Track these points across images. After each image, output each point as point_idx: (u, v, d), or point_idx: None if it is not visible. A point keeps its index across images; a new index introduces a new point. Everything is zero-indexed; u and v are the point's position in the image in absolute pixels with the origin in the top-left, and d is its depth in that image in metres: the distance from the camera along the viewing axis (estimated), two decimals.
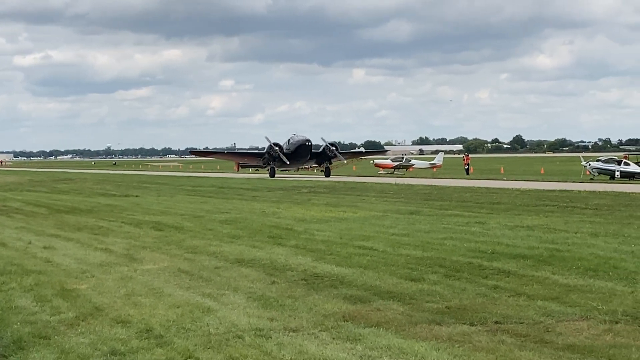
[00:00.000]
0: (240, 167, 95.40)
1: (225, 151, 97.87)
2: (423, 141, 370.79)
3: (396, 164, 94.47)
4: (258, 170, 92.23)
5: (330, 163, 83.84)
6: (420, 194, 44.45)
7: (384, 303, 12.98)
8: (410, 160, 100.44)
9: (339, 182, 63.07)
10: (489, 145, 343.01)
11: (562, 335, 10.58)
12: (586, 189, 45.49)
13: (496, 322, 11.39)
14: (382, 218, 28.25)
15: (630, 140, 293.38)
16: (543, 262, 16.69)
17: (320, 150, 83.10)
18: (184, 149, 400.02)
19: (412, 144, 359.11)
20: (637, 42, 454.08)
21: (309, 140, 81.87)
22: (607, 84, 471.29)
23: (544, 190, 45.76)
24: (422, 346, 10.27)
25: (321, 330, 11.23)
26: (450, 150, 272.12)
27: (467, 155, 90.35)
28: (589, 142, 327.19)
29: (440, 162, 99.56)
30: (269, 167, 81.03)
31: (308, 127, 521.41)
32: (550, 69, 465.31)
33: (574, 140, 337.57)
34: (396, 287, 14.26)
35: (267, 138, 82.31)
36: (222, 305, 13.17)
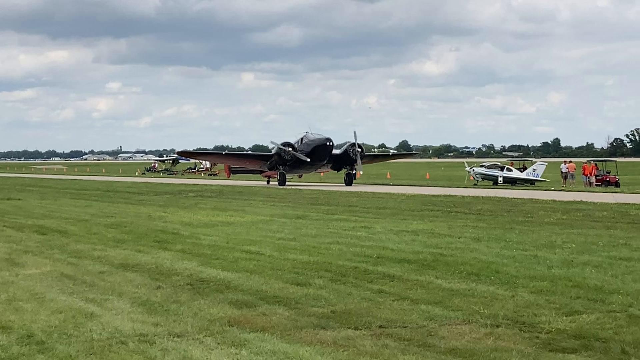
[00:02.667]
0: (231, 173, 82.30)
1: (224, 153, 79.52)
2: None
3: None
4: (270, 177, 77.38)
5: (353, 168, 67.96)
6: (307, 198, 44.60)
7: (269, 307, 12.97)
8: None
9: (227, 185, 62.82)
10: (375, 150, 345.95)
11: (445, 339, 10.73)
12: (470, 195, 46.30)
13: (380, 326, 11.49)
14: (269, 222, 28.25)
15: (513, 146, 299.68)
16: (427, 266, 16.91)
17: (341, 152, 67.49)
18: (68, 151, 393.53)
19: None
20: (522, 50, 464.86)
21: (330, 140, 65.70)
22: (492, 90, 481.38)
23: (429, 195, 46.41)
24: (306, 351, 10.30)
25: (206, 336, 11.16)
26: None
27: None
28: (473, 147, 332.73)
29: (327, 168, 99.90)
30: (277, 173, 66.72)
31: (197, 131, 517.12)
32: (437, 75, 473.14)
33: (458, 145, 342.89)
34: (282, 292, 14.27)
35: (272, 142, 68.07)
36: (105, 310, 12.98)
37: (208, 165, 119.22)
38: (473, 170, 70.09)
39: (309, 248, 20.30)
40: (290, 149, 65.30)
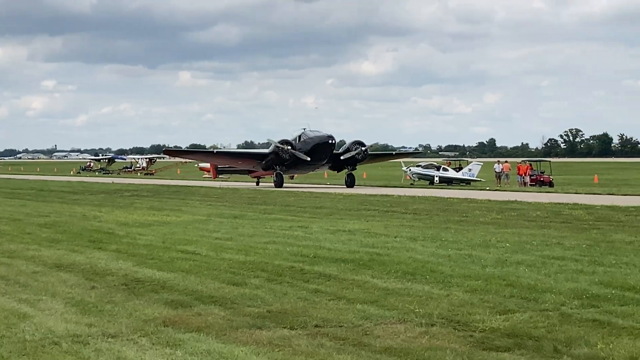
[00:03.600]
0: (218, 174, 74.32)
1: (215, 151, 70.50)
2: (249, 145, 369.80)
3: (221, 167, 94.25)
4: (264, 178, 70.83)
5: (355, 168, 63.54)
6: (244, 197, 44.54)
7: (205, 308, 12.92)
8: None
9: (163, 185, 62.47)
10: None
11: (380, 338, 10.78)
12: (406, 194, 46.57)
13: (316, 326, 11.50)
14: (206, 222, 28.14)
15: (449, 146, 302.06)
16: (363, 266, 16.97)
17: (342, 150, 63.36)
18: (2, 150, 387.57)
19: (238, 148, 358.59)
20: (459, 51, 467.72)
21: (332, 138, 60.93)
22: (429, 91, 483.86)
23: (365, 194, 46.61)
24: (242, 350, 10.27)
25: (141, 336, 11.07)
26: None
27: None
28: (410, 147, 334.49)
29: None
30: (274, 174, 61.48)
31: (134, 130, 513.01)
32: (375, 75, 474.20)
33: (395, 145, 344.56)
34: (218, 292, 14.22)
35: (269, 139, 63.18)
36: (38, 311, 12.83)
37: (144, 164, 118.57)
38: (410, 170, 70.51)
39: (245, 248, 20.27)
40: (288, 147, 60.27)
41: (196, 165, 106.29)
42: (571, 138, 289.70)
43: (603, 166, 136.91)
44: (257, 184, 66.51)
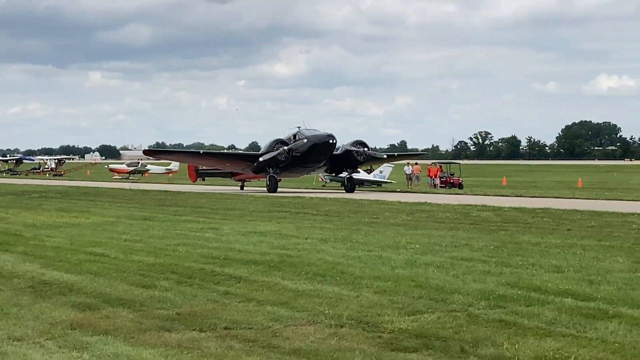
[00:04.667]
0: (198, 176, 67.99)
1: (202, 152, 64.46)
2: (160, 146, 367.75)
3: (132, 168, 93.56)
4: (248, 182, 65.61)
5: (355, 171, 58.84)
6: (155, 199, 44.16)
7: (113, 310, 12.78)
8: (147, 166, 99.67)
9: (72, 186, 61.64)
10: (225, 151, 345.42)
11: (289, 340, 10.79)
12: (318, 196, 46.73)
13: (226, 328, 11.46)
14: (115, 224, 27.84)
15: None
16: (274, 267, 16.97)
17: (341, 151, 57.02)
18: None
19: (131, 149, 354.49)
20: (370, 53, 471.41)
21: (332, 137, 54.66)
22: (341, 93, 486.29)
23: (277, 196, 46.64)
24: (150, 353, 10.19)
25: (47, 339, 10.91)
26: None
27: None
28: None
29: (177, 168, 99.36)
30: (267, 177, 55.15)
31: (43, 130, 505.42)
32: (288, 77, 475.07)
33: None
34: (127, 294, 14.08)
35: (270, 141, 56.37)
36: None
37: (53, 165, 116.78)
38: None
39: (155, 250, 20.11)
40: (284, 147, 54.60)
41: (106, 166, 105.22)
42: (480, 140, 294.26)
43: (511, 168, 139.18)
44: (242, 187, 62.09)
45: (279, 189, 54.47)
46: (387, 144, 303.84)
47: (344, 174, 58.29)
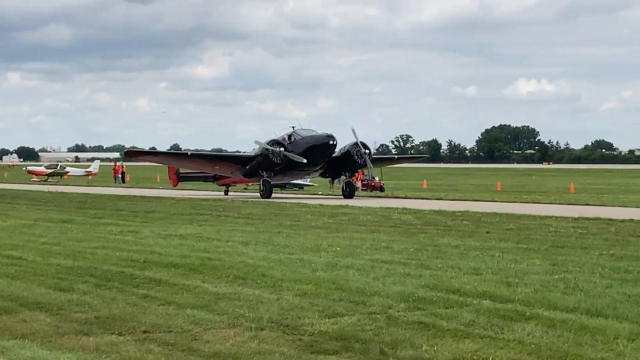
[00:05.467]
0: (179, 180, 61.91)
1: (189, 153, 56.88)
2: (80, 148, 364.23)
3: (50, 171, 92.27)
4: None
5: (354, 175, 54.60)
6: (74, 202, 43.66)
7: (30, 314, 12.60)
8: (65, 168, 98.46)
9: None
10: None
11: (209, 343, 10.74)
12: (239, 198, 46.63)
13: (145, 331, 11.37)
14: (33, 227, 27.44)
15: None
16: (194, 270, 16.89)
17: (340, 154, 51.64)
18: None
19: (68, 151, 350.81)
20: (293, 56, 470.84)
21: (332, 138, 50.21)
22: (264, 95, 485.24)
23: (198, 199, 46.43)
24: (68, 357, 10.06)
25: None
26: (107, 158, 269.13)
27: (121, 164, 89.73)
28: (244, 151, 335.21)
29: (97, 170, 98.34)
30: (260, 181, 50.72)
31: None
32: (210, 79, 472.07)
33: (230, 149, 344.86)
34: (44, 298, 13.89)
35: (257, 141, 51.80)
36: None
37: None
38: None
39: (73, 253, 19.87)
40: (281, 148, 50.08)
41: (24, 168, 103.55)
42: (402, 143, 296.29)
43: (432, 171, 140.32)
44: (226, 193, 57.74)
45: (276, 194, 51.26)
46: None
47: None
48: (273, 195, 50.11)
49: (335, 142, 50.12)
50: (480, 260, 18.42)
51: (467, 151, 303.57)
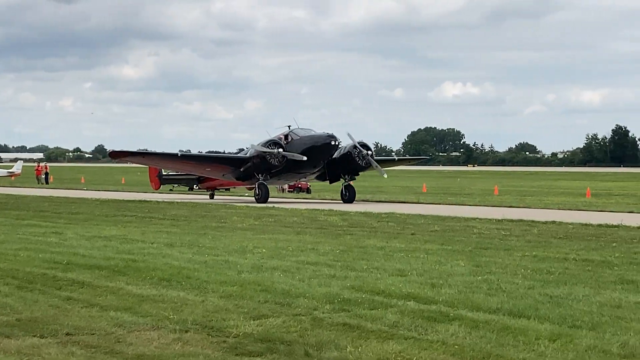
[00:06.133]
0: (162, 183, 58.52)
1: (180, 154, 51.30)
2: (2, 148, 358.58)
3: None
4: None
5: (354, 178, 49.26)
6: None
7: None
8: None
9: None
10: (70, 154, 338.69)
11: (133, 345, 10.64)
12: (165, 200, 46.33)
13: (67, 334, 11.22)
14: None
15: (210, 151, 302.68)
16: (118, 272, 16.72)
17: (339, 155, 48.08)
18: None
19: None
20: (220, 57, 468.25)
21: (334, 138, 47.13)
22: (191, 96, 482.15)
23: (123, 200, 45.99)
24: None
25: None
26: (30, 159, 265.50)
27: (45, 165, 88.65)
28: (179, 152, 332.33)
29: (20, 171, 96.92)
30: (256, 184, 47.53)
31: None
32: (136, 79, 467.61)
33: (158, 151, 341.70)
34: None
35: (252, 145, 48.71)
36: None
37: None
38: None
39: None
40: (280, 149, 46.61)
41: None
42: None
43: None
44: (212, 196, 54.25)
45: (273, 199, 48.56)
46: (236, 148, 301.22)
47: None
48: (271, 200, 47.23)
49: (337, 143, 47.15)
50: (405, 262, 18.54)
51: (393, 153, 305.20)
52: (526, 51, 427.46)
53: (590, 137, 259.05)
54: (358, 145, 47.72)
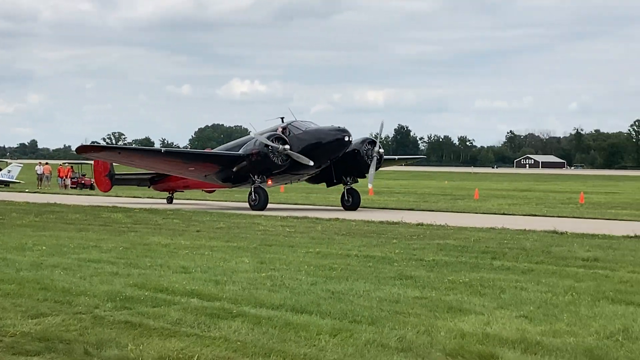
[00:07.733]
0: (114, 183, 48.99)
1: (163, 150, 43.13)
2: None
3: None
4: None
5: (356, 181, 41.44)
6: None
7: None
8: None
9: None
10: None
11: None
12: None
13: None
14: None
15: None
16: None
17: (346, 152, 39.76)
18: None
19: None
20: (2, 49, 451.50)
21: (346, 134, 38.54)
22: None
23: None
24: None
25: None
26: None
27: None
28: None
29: None
30: (252, 188, 39.16)
31: None
32: None
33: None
34: None
35: (256, 134, 39.78)
36: None
37: None
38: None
39: None
40: (286, 146, 38.52)
41: None
42: (114, 141, 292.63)
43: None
44: (170, 201, 46.17)
45: (272, 204, 41.30)
46: (17, 143, 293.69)
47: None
48: (270, 207, 39.58)
49: (349, 139, 38.90)
50: (189, 259, 18.48)
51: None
52: (314, 50, 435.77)
53: (374, 135, 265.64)
54: (371, 141, 41.07)
